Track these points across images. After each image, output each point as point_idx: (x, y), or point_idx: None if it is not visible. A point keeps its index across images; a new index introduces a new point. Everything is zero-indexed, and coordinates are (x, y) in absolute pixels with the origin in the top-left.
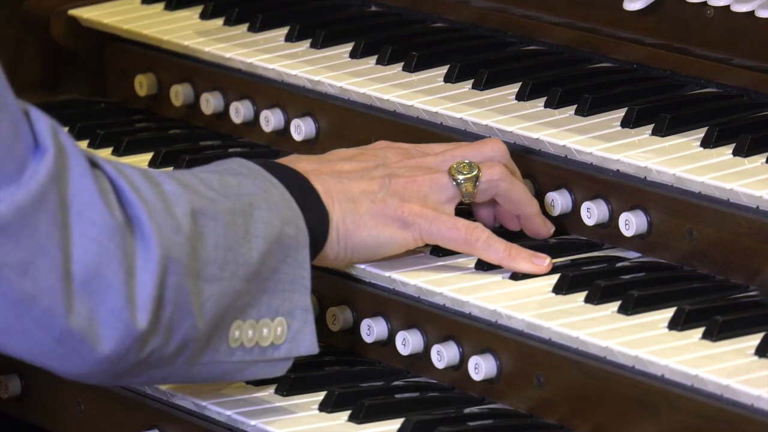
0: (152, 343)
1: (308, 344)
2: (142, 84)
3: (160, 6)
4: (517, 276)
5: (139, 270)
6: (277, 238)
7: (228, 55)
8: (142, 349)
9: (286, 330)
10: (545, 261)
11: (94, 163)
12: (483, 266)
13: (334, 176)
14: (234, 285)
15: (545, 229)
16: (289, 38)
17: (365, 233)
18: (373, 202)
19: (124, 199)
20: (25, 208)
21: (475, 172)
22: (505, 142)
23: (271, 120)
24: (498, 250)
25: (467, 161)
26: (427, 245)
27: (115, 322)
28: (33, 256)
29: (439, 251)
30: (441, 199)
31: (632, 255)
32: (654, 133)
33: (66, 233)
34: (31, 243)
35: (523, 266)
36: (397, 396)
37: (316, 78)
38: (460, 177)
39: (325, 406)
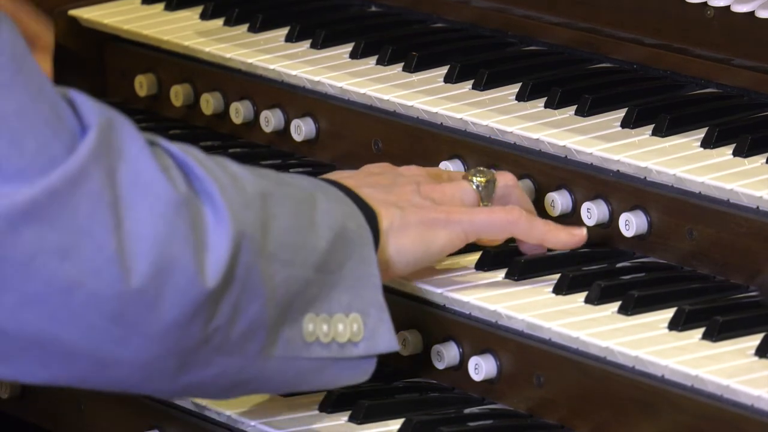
0: (218, 317)
1: (388, 341)
2: (142, 84)
3: (161, 6)
4: (517, 276)
5: (211, 244)
6: (341, 230)
7: (228, 55)
8: (207, 322)
9: (362, 327)
10: (583, 230)
11: (152, 142)
12: (483, 266)
13: (371, 186)
14: (305, 273)
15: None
16: (290, 38)
17: (413, 236)
18: (413, 206)
19: (192, 174)
20: (58, 191)
21: (490, 176)
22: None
23: (271, 120)
24: (539, 225)
25: (480, 168)
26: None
27: (181, 295)
28: (73, 239)
29: None
30: (467, 202)
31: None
32: (654, 133)
33: (118, 211)
34: (70, 226)
35: (564, 238)
36: (397, 396)
37: (316, 78)
38: (477, 180)
39: (325, 407)
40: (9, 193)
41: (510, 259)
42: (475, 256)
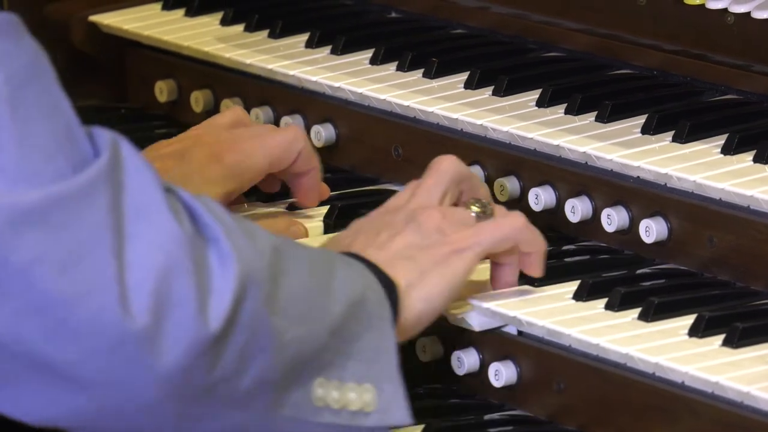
0: (223, 365)
1: (401, 415)
2: (163, 90)
3: (181, 12)
4: (536, 282)
5: (215, 288)
6: (360, 300)
7: (248, 61)
8: (211, 368)
9: (375, 398)
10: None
11: (167, 188)
12: None
13: (374, 247)
14: (318, 334)
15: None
16: (310, 44)
17: (435, 280)
18: (422, 250)
19: (199, 220)
20: (64, 200)
21: (489, 209)
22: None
23: None
24: (541, 236)
25: (480, 199)
26: None
27: (183, 334)
28: (75, 254)
29: None
30: (467, 224)
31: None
32: (674, 139)
33: (122, 239)
34: (73, 239)
35: (540, 268)
36: (418, 403)
37: (336, 84)
38: (474, 209)
39: None
40: (13, 193)
41: None
42: None
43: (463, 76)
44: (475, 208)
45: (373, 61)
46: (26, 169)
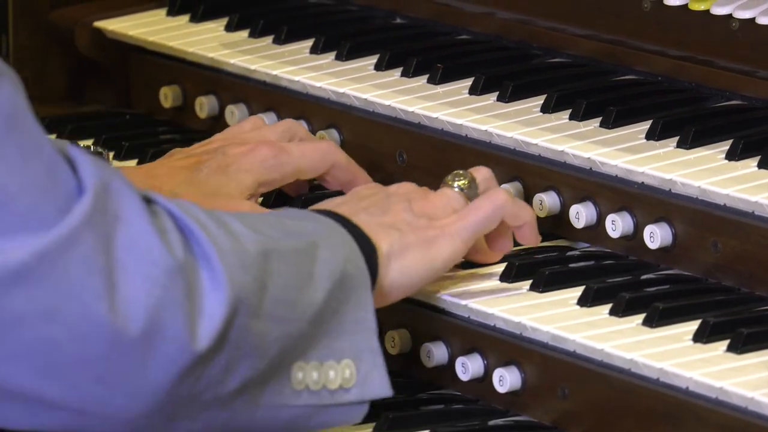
0: (208, 377)
1: (380, 386)
2: (167, 96)
3: (186, 18)
4: (541, 288)
5: (206, 309)
6: (341, 277)
7: (253, 67)
8: (196, 382)
9: (354, 372)
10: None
11: (150, 200)
12: (507, 278)
13: (363, 212)
14: (301, 327)
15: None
16: (314, 50)
17: (416, 256)
18: (409, 227)
19: (191, 237)
20: (49, 254)
21: (469, 177)
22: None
23: None
24: (526, 207)
25: (458, 171)
26: None
27: (170, 363)
28: (61, 302)
29: (463, 262)
30: (457, 209)
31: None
32: (679, 145)
33: (112, 276)
34: (59, 288)
35: (534, 237)
36: (422, 408)
37: (341, 90)
38: (458, 184)
39: None
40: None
41: (534, 271)
42: (499, 268)
43: (468, 82)
44: (458, 183)
45: (378, 66)
46: (11, 223)
